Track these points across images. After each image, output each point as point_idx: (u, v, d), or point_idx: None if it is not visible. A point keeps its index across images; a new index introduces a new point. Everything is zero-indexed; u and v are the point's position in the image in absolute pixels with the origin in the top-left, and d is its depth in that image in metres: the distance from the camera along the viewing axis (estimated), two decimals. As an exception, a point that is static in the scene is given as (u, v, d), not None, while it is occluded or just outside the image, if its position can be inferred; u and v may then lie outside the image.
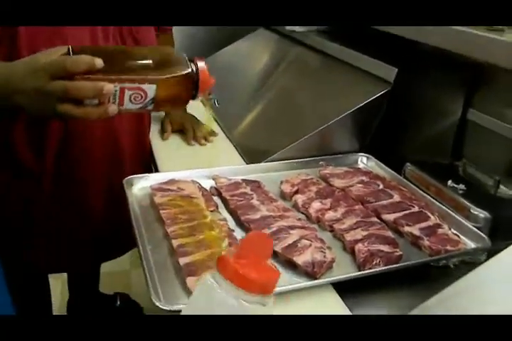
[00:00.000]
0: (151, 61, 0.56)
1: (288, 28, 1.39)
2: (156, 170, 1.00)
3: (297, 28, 1.37)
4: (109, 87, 0.53)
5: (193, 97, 0.59)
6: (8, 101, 0.60)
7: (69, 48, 0.56)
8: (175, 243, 0.67)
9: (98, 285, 1.51)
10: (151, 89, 0.55)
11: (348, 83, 1.10)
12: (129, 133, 1.02)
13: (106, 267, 1.37)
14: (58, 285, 1.59)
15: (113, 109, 0.56)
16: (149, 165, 1.10)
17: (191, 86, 0.57)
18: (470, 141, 1.03)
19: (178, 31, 1.66)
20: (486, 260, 0.75)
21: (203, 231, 0.69)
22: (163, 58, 0.58)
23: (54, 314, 1.49)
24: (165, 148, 1.10)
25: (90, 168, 0.95)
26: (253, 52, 1.60)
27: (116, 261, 1.17)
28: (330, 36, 1.29)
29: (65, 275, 1.49)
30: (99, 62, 0.54)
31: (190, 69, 0.56)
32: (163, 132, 1.15)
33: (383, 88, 0.98)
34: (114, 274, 1.72)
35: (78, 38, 0.81)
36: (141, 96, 0.55)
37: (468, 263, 0.74)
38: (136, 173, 0.90)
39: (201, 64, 0.57)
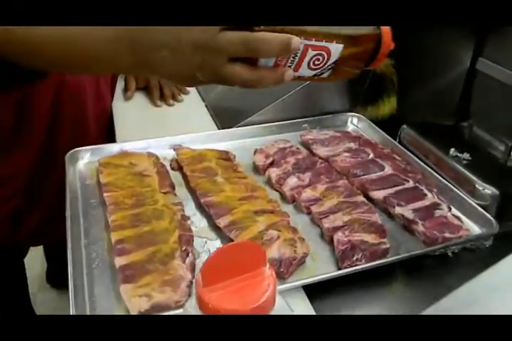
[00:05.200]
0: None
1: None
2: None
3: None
4: (297, 39, 0.43)
5: (369, 64, 0.50)
6: (139, 57, 0.44)
7: None
8: (114, 237, 0.55)
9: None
10: (337, 50, 0.46)
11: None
12: (93, 95, 0.88)
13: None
14: (38, 256, 1.52)
15: (290, 73, 0.46)
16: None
17: (373, 50, 0.48)
18: (478, 97, 0.88)
19: None
20: (491, 245, 0.64)
21: (149, 221, 0.57)
22: None
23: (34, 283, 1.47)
24: (126, 110, 0.96)
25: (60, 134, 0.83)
26: None
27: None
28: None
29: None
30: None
31: (378, 30, 0.47)
32: (126, 91, 1.00)
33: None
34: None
35: None
36: (323, 59, 0.47)
37: (470, 249, 0.62)
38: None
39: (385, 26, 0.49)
